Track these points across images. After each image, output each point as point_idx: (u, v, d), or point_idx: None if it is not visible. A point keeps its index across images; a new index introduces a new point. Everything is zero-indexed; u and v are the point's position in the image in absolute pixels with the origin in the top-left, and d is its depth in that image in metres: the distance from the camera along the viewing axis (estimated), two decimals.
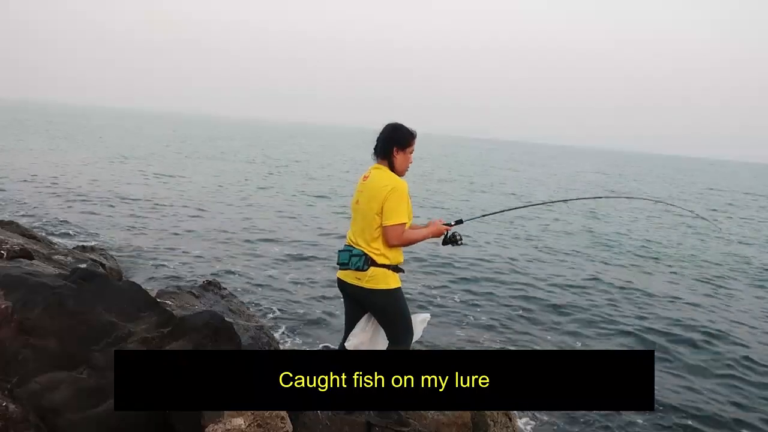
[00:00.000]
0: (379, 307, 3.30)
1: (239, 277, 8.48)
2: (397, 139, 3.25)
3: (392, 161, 3.25)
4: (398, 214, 3.10)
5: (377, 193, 3.15)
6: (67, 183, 16.79)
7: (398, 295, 3.24)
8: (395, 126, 3.29)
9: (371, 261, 3.17)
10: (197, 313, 3.62)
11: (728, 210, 25.84)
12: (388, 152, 3.25)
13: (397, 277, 3.24)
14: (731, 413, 5.35)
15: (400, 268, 3.27)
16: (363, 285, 3.20)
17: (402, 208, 3.12)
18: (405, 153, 3.26)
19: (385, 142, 3.26)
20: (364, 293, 3.23)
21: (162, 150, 34.91)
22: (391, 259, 3.20)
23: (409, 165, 3.32)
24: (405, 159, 3.27)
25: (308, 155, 43.56)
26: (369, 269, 3.16)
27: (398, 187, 3.13)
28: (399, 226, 3.11)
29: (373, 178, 3.22)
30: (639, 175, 54.99)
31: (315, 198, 18.83)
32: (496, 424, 4.05)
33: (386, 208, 3.11)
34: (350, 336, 3.42)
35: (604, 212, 19.75)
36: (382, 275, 3.18)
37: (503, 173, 40.71)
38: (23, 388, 2.71)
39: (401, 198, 3.12)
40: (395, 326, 3.31)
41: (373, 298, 3.23)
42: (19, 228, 6.97)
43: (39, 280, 3.11)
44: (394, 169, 3.26)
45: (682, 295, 9.42)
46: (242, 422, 2.85)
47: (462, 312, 7.69)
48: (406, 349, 3.34)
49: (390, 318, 3.31)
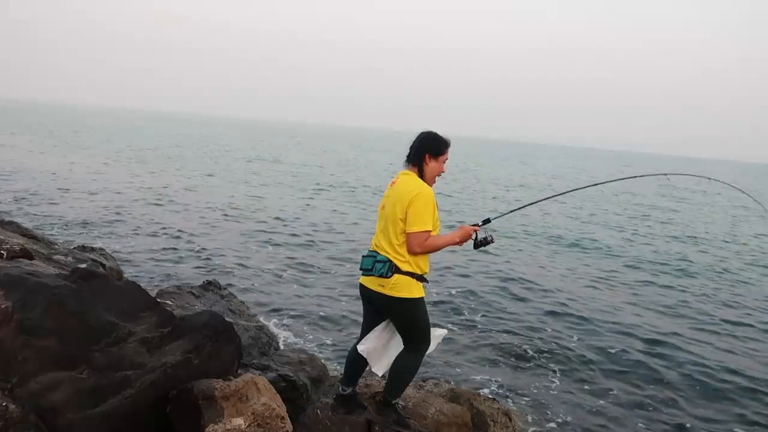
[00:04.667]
0: (399, 316, 3.26)
1: (239, 277, 8.47)
2: (430, 147, 3.23)
3: (423, 168, 3.23)
4: (422, 222, 3.06)
5: (403, 197, 3.12)
6: (68, 183, 16.79)
7: (420, 304, 3.21)
8: (429, 134, 3.27)
9: (395, 268, 3.12)
10: (197, 313, 3.62)
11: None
12: (420, 159, 3.23)
13: (421, 286, 3.20)
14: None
15: (424, 277, 3.23)
16: (386, 292, 3.15)
17: (427, 215, 3.07)
18: (438, 161, 3.24)
19: (418, 148, 3.25)
20: (387, 301, 3.18)
21: (161, 150, 34.91)
22: (416, 268, 3.15)
23: (440, 173, 3.29)
24: (437, 167, 3.25)
25: (306, 155, 43.57)
26: (393, 276, 3.12)
27: (424, 192, 3.09)
28: (423, 233, 3.06)
29: (400, 184, 3.20)
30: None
31: (315, 198, 18.83)
32: (496, 424, 4.05)
33: (410, 213, 3.07)
34: (364, 340, 3.42)
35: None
36: (406, 283, 3.13)
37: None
38: (23, 388, 2.71)
39: (426, 205, 3.08)
40: (412, 335, 3.29)
41: (395, 306, 3.19)
42: (19, 228, 6.97)
43: (39, 280, 3.10)
44: (423, 176, 3.24)
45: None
46: (242, 422, 2.85)
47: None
48: (420, 357, 3.34)
49: (409, 326, 3.28)
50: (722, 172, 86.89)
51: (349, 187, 23.02)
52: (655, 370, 6.20)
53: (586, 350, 6.62)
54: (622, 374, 6.07)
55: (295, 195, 19.19)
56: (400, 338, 3.36)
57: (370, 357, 3.40)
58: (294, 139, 75.71)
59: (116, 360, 2.97)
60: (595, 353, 6.56)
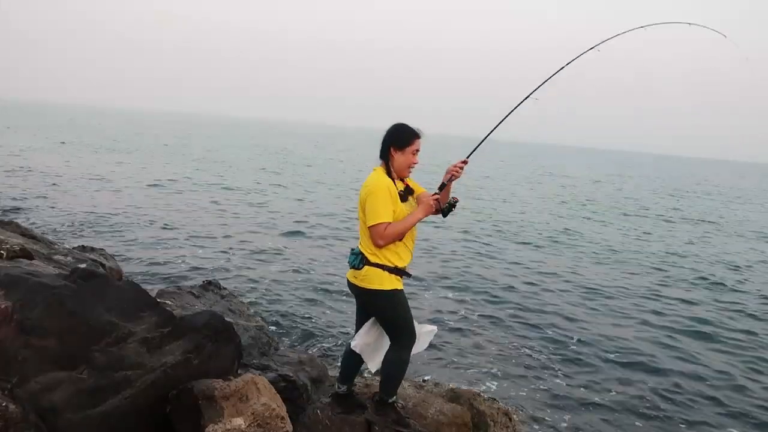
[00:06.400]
0: (374, 307, 3.32)
1: (239, 277, 8.47)
2: (394, 139, 3.24)
3: (390, 162, 3.25)
4: (376, 215, 3.10)
5: (361, 195, 3.22)
6: (68, 183, 16.78)
7: (394, 296, 3.22)
8: (394, 126, 3.28)
9: (365, 260, 3.20)
10: (197, 313, 3.62)
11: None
12: (386, 153, 3.25)
13: (394, 278, 3.21)
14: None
15: (401, 270, 3.24)
16: (358, 283, 3.25)
17: (380, 207, 3.11)
18: (404, 153, 3.23)
19: (383, 143, 3.27)
20: (360, 292, 3.28)
21: (161, 150, 34.91)
22: (385, 260, 3.19)
23: (411, 165, 3.28)
24: (404, 159, 3.24)
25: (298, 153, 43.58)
26: (364, 268, 3.20)
27: (373, 189, 3.14)
28: (379, 225, 3.10)
29: (365, 181, 3.26)
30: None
31: (315, 198, 18.83)
32: (496, 424, 4.05)
33: (367, 209, 3.15)
34: (356, 336, 3.45)
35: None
36: (376, 275, 3.18)
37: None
38: (23, 388, 2.71)
39: (377, 198, 3.12)
40: (393, 328, 3.31)
41: (367, 297, 3.27)
42: (19, 228, 6.96)
43: (39, 280, 3.10)
44: (393, 170, 3.25)
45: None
46: (242, 422, 2.85)
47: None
48: (406, 352, 3.34)
49: (387, 319, 3.32)
50: (722, 172, 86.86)
51: (353, 189, 23.04)
52: (655, 370, 6.19)
53: (586, 350, 6.62)
54: (622, 374, 6.06)
55: (294, 195, 19.19)
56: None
57: (363, 353, 3.44)
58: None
59: (116, 360, 2.97)
60: (595, 353, 6.56)
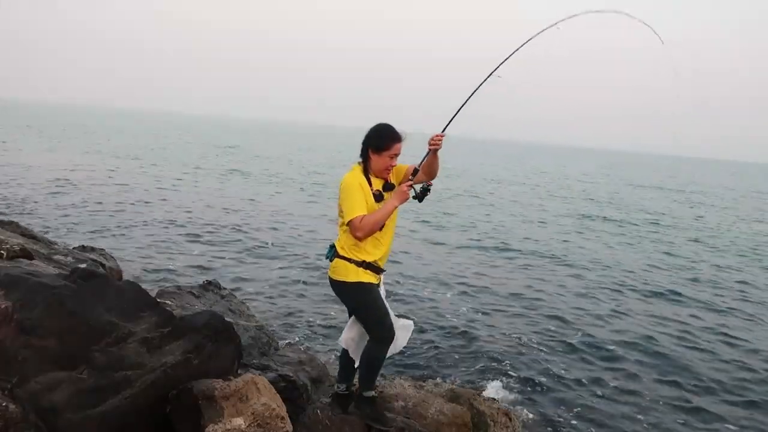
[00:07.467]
0: (343, 298, 3.43)
1: (239, 277, 8.47)
2: (372, 142, 3.27)
3: (368, 162, 3.30)
4: (351, 210, 3.17)
5: (338, 193, 3.28)
6: (68, 183, 16.77)
7: (360, 289, 3.28)
8: (375, 127, 3.31)
9: (336, 253, 3.31)
10: (197, 313, 3.62)
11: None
12: (364, 153, 3.31)
13: (361, 271, 3.26)
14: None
15: (370, 264, 3.28)
16: (329, 275, 3.37)
17: (352, 201, 3.17)
18: (381, 156, 3.25)
19: (363, 142, 3.32)
20: (330, 283, 3.39)
21: (159, 150, 34.90)
22: (351, 254, 3.26)
23: (388, 168, 3.29)
24: (380, 161, 3.27)
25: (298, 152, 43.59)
26: (334, 260, 3.32)
27: (344, 186, 3.23)
28: (354, 219, 3.15)
29: (341, 178, 3.32)
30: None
31: (315, 198, 18.83)
32: (496, 424, 4.05)
33: (342, 206, 3.23)
34: (343, 331, 3.52)
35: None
36: (343, 267, 3.27)
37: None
38: (23, 388, 2.71)
39: (348, 194, 3.19)
40: (364, 321, 3.39)
41: (335, 288, 3.38)
42: (19, 228, 6.95)
43: (39, 280, 3.10)
44: (370, 170, 3.30)
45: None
46: (242, 422, 2.86)
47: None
48: (381, 346, 3.35)
49: (357, 312, 3.42)
50: (721, 172, 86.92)
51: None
52: (656, 370, 6.20)
53: (586, 350, 6.62)
54: (622, 374, 6.06)
55: (295, 195, 19.19)
56: None
57: (349, 348, 3.50)
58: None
59: (116, 360, 2.97)
60: (595, 353, 6.56)
